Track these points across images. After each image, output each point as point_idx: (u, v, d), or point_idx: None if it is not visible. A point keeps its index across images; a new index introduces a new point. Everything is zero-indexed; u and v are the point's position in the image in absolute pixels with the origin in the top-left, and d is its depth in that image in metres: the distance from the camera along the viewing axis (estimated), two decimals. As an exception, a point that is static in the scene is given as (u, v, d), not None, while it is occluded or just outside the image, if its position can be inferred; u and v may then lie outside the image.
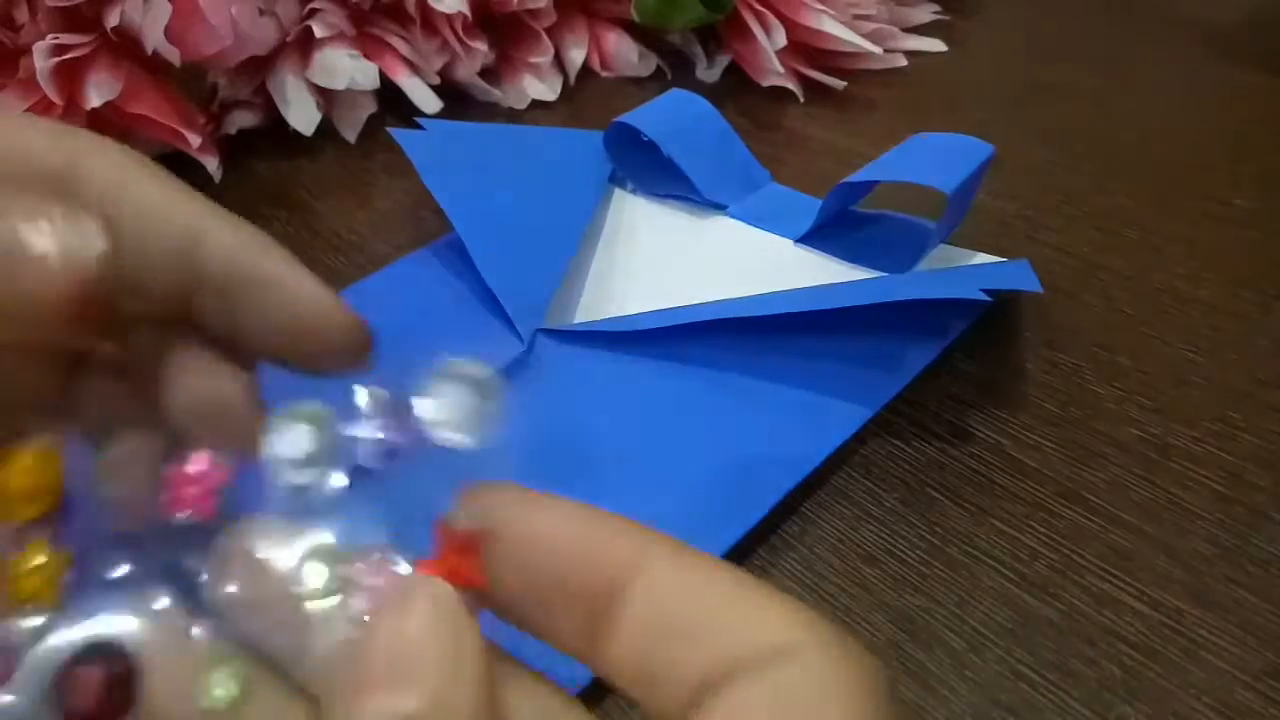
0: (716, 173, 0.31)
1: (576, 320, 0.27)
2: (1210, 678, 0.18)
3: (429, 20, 0.38)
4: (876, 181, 0.29)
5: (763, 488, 0.22)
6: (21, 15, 0.30)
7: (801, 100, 0.39)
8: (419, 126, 0.32)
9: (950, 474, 0.22)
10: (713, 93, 0.41)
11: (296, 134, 0.36)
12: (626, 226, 0.31)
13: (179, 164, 0.35)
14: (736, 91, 0.40)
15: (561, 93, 0.41)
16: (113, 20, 0.29)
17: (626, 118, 0.31)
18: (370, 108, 0.39)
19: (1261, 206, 0.31)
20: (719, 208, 0.31)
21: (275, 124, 0.37)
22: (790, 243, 0.30)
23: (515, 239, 0.28)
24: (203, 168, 0.32)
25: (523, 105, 0.40)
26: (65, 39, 0.29)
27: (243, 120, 0.37)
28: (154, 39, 0.29)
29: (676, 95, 0.33)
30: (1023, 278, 0.25)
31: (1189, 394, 0.24)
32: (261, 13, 0.34)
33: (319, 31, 0.35)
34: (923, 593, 0.20)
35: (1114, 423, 0.24)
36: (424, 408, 0.11)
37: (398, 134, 0.31)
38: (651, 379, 0.25)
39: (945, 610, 0.20)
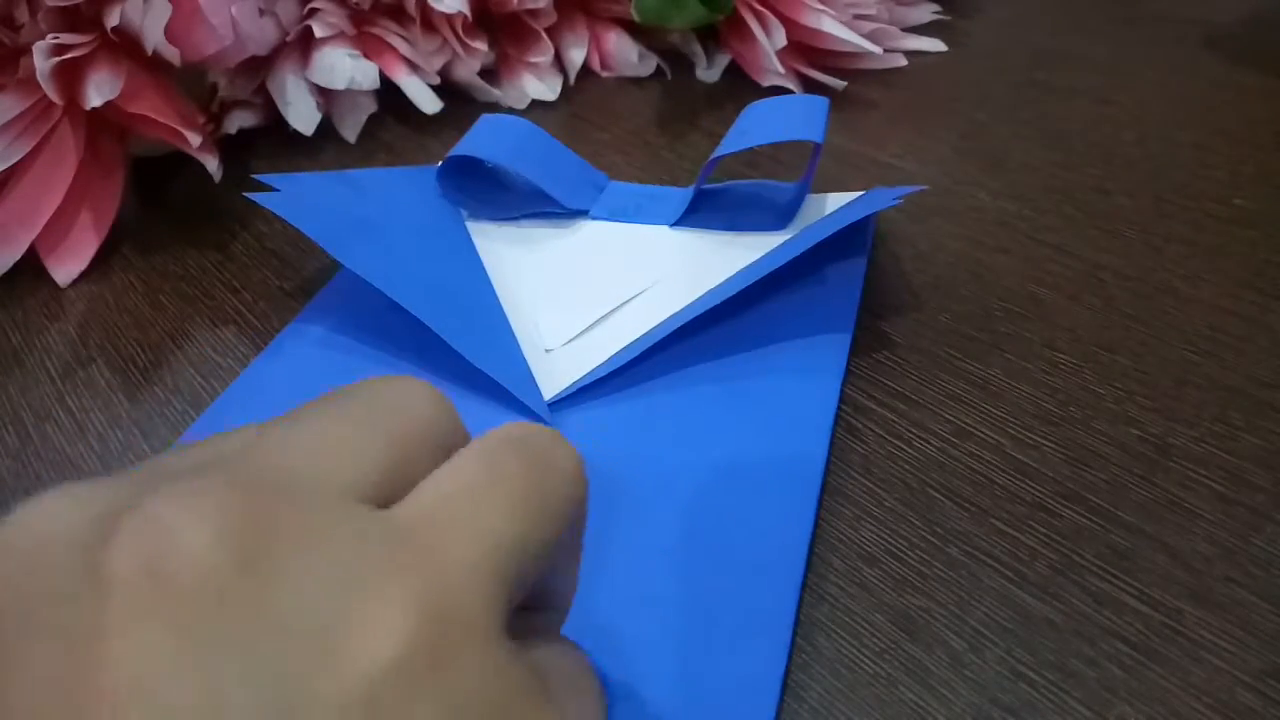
0: (565, 181, 0.31)
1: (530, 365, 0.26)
2: (1210, 678, 0.18)
3: (429, 20, 0.38)
4: (729, 154, 0.30)
5: (807, 441, 0.23)
6: (21, 15, 0.30)
7: (801, 100, 0.39)
8: (267, 187, 0.29)
9: (950, 474, 0.22)
10: (713, 93, 0.41)
11: (296, 134, 0.36)
12: (501, 255, 0.30)
13: (179, 164, 0.35)
14: (736, 91, 0.40)
15: (561, 93, 0.41)
16: (113, 20, 0.29)
17: (461, 149, 0.30)
18: (370, 108, 0.39)
19: (1261, 206, 0.31)
20: (578, 214, 0.31)
21: (275, 124, 0.37)
22: (667, 228, 0.30)
23: (453, 302, 0.26)
24: (203, 168, 0.32)
25: (523, 105, 0.40)
26: (65, 39, 0.29)
27: (243, 120, 0.37)
28: (154, 39, 0.29)
29: (493, 119, 0.32)
30: (893, 192, 0.27)
31: (1189, 394, 0.24)
32: (261, 13, 0.34)
33: (319, 31, 0.35)
34: (923, 593, 0.20)
35: (1114, 423, 0.24)
36: None
37: (259, 199, 0.27)
38: (656, 401, 0.24)
39: (945, 610, 0.20)
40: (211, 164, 0.32)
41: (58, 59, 0.29)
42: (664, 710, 0.17)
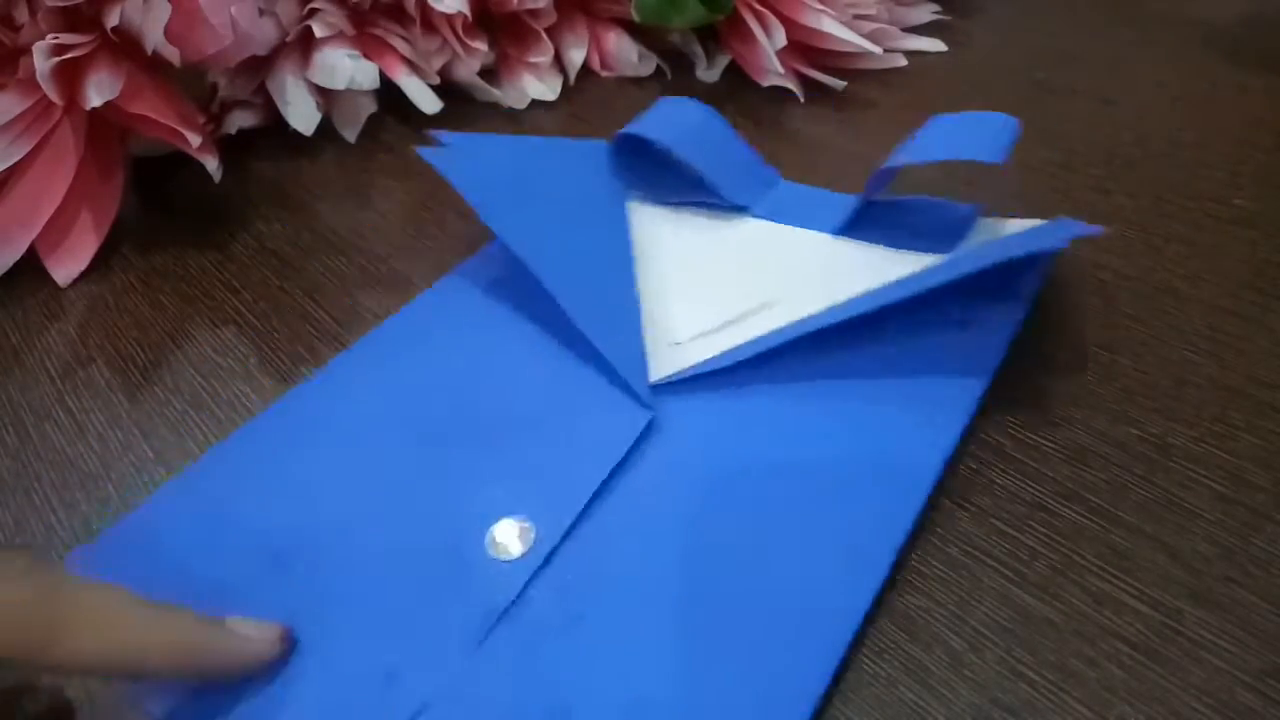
0: (731, 174, 0.31)
1: (651, 350, 0.25)
2: (1210, 678, 0.18)
3: (429, 20, 0.38)
4: (904, 166, 0.28)
5: (911, 481, 0.21)
6: (21, 15, 0.30)
7: (802, 100, 0.39)
8: (437, 142, 0.30)
9: (950, 474, 0.22)
10: (713, 93, 0.41)
11: (296, 134, 0.36)
12: (657, 239, 0.30)
13: (179, 164, 0.35)
14: (736, 91, 0.40)
15: (561, 92, 0.41)
16: (113, 20, 0.29)
17: (633, 128, 0.30)
18: (370, 108, 0.39)
19: (1261, 206, 0.31)
20: (739, 209, 0.31)
21: (275, 124, 0.37)
22: (828, 236, 0.29)
23: (588, 277, 0.26)
24: (202, 168, 0.32)
25: (523, 105, 0.40)
26: (65, 39, 0.29)
27: (243, 120, 0.37)
28: (154, 39, 0.29)
29: (673, 101, 0.32)
30: (1069, 228, 0.25)
31: (1189, 394, 0.24)
32: (261, 13, 0.34)
33: (319, 31, 0.35)
34: (923, 593, 0.20)
35: (1114, 423, 0.24)
36: None
37: (427, 154, 0.28)
38: (765, 407, 0.23)
39: (945, 610, 0.20)
40: (211, 164, 0.32)
41: (58, 59, 0.29)
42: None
